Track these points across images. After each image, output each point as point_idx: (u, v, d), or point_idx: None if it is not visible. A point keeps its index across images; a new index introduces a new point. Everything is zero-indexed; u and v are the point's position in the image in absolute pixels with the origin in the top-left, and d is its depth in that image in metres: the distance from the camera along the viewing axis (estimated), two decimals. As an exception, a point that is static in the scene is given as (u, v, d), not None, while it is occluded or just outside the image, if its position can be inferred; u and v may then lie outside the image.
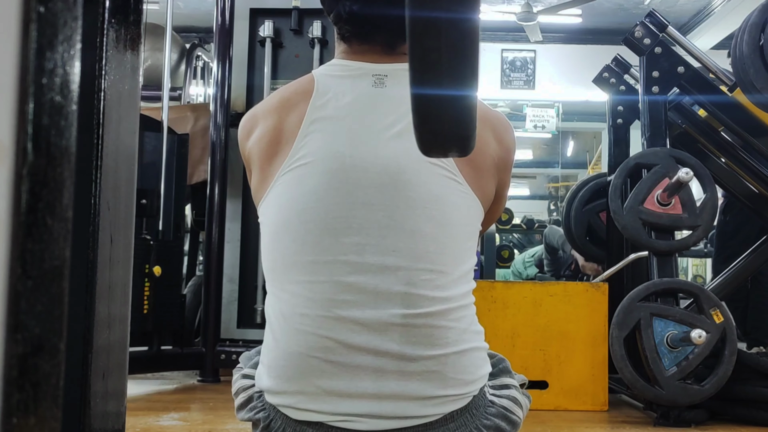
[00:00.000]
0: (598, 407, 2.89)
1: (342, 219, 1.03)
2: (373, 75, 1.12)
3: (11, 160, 0.32)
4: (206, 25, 6.55)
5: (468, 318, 1.07)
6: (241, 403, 1.13)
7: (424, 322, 1.00)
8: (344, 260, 1.02)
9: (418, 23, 0.49)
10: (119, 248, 0.51)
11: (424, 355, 1.00)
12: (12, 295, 0.32)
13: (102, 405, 0.49)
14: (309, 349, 1.01)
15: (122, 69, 0.50)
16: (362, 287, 1.01)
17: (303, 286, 1.03)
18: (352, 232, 1.03)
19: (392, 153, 1.06)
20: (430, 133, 0.54)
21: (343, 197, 1.04)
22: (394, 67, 1.13)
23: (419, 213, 1.03)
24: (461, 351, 1.03)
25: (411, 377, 1.00)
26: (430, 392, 1.00)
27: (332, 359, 1.00)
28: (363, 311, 1.00)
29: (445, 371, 1.01)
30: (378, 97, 1.11)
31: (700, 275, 8.65)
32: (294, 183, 1.07)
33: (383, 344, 0.99)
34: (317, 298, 1.02)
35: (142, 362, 3.19)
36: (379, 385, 0.99)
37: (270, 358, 1.07)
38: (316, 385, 1.01)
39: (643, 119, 3.02)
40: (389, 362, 0.99)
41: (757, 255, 3.05)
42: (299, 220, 1.05)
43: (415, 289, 1.01)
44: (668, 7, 7.46)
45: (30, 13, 0.33)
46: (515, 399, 1.09)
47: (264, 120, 1.15)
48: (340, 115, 1.10)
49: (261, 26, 3.55)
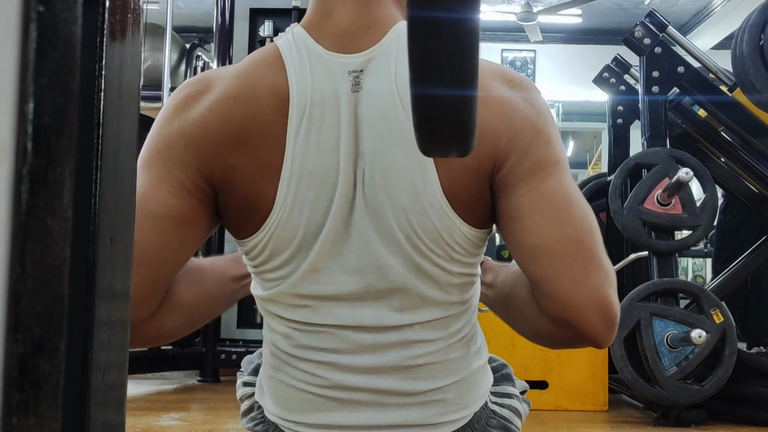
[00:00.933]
0: (598, 407, 2.89)
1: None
2: (348, 72, 0.90)
3: (11, 160, 0.32)
4: (206, 25, 6.55)
5: (469, 344, 1.00)
6: (244, 411, 1.12)
7: (424, 362, 0.97)
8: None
9: (418, 23, 0.49)
10: (119, 248, 0.51)
11: (424, 389, 0.98)
12: (12, 295, 0.32)
13: (102, 405, 0.49)
14: (306, 386, 0.99)
15: (122, 69, 0.50)
16: (359, 335, 0.97)
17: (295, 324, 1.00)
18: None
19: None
20: (430, 133, 0.54)
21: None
22: (368, 55, 0.90)
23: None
24: (463, 378, 1.00)
25: (412, 407, 0.97)
26: (432, 420, 0.98)
27: (330, 395, 0.98)
28: (362, 357, 0.97)
29: (447, 399, 0.99)
30: (358, 108, 0.89)
31: (700, 275, 8.65)
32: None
33: (382, 383, 0.97)
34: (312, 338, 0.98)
35: (142, 362, 3.19)
36: (379, 417, 0.97)
37: (267, 382, 1.03)
38: (315, 417, 0.99)
39: (643, 119, 3.02)
40: (389, 398, 0.97)
41: (757, 255, 3.05)
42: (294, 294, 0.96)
43: (412, 335, 0.94)
44: (668, 7, 7.46)
45: (30, 13, 0.33)
46: (515, 409, 1.08)
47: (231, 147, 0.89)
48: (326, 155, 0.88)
49: (261, 26, 3.55)
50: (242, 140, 0.89)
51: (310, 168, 0.88)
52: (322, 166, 0.88)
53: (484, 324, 1.12)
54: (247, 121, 0.89)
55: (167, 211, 0.90)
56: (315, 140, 0.88)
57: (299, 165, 0.88)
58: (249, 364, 1.19)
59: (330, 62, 0.91)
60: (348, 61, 0.91)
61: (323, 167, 0.88)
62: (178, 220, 0.91)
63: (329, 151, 0.88)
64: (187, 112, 0.91)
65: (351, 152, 0.89)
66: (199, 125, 0.90)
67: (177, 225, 0.91)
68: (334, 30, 0.92)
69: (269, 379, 1.02)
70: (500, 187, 0.89)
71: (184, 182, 0.91)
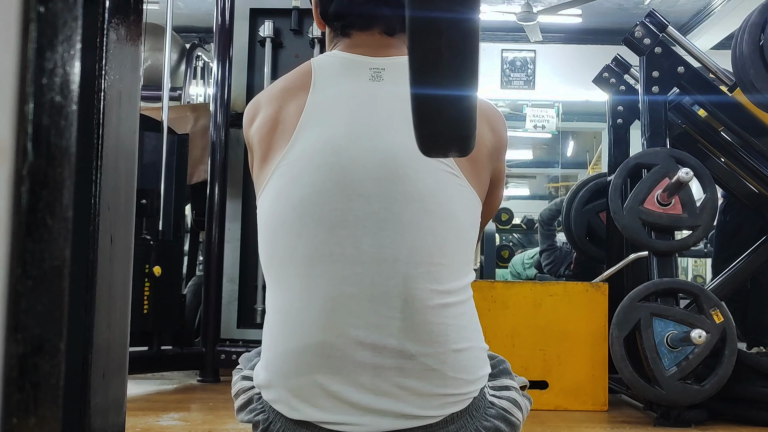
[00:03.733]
0: (598, 407, 2.89)
1: (338, 212, 1.03)
2: (370, 68, 1.13)
3: (11, 160, 0.32)
4: (206, 25, 6.55)
5: (467, 315, 1.07)
6: (240, 405, 1.13)
7: (423, 318, 1.00)
8: (340, 253, 1.02)
9: (418, 23, 0.49)
10: (119, 248, 0.51)
11: (423, 352, 0.99)
12: (12, 295, 0.32)
13: (102, 405, 0.49)
14: (306, 345, 1.00)
15: (122, 69, 0.50)
16: (359, 280, 1.00)
17: (299, 280, 1.03)
18: (349, 224, 1.02)
19: (390, 147, 1.06)
20: (430, 133, 0.54)
21: (340, 190, 1.04)
22: (391, 60, 1.14)
23: (417, 206, 1.03)
24: (461, 349, 1.02)
25: (410, 374, 0.99)
26: (429, 390, 0.99)
27: (330, 354, 0.99)
28: (360, 305, 0.99)
29: (444, 370, 1.00)
30: (375, 92, 1.11)
31: (700, 275, 8.64)
32: (290, 176, 1.07)
33: (382, 339, 0.98)
34: (314, 292, 1.01)
35: (142, 362, 3.19)
36: (376, 381, 0.99)
37: (268, 352, 1.06)
38: (313, 381, 1.00)
39: (643, 119, 3.02)
40: (388, 358, 0.99)
41: (757, 255, 3.05)
42: (294, 214, 1.04)
43: (412, 282, 1.00)
44: (668, 7, 7.46)
45: (30, 13, 0.33)
46: (515, 401, 1.09)
47: (265, 108, 1.16)
48: (337, 110, 1.10)
49: (261, 26, 3.55)
50: (274, 98, 1.15)
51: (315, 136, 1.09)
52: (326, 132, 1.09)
53: (484, 324, 1.13)
54: (282, 88, 1.16)
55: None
56: (321, 113, 1.11)
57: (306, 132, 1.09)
58: (248, 362, 1.19)
59: (354, 60, 1.15)
60: (371, 60, 1.15)
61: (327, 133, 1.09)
62: None
63: (336, 123, 1.10)
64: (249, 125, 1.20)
65: (366, 130, 1.09)
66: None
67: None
68: (361, 47, 1.17)
69: (269, 347, 1.05)
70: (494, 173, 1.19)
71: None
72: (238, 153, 3.54)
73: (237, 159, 3.53)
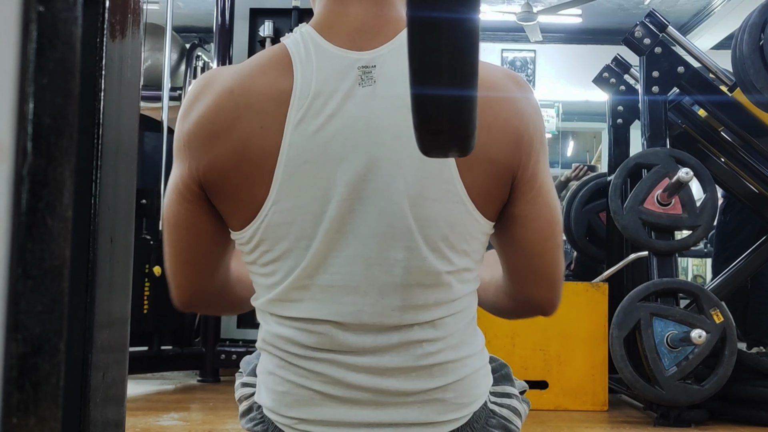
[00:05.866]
0: (598, 407, 2.89)
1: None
2: (358, 68, 0.90)
3: (11, 160, 0.32)
4: (206, 25, 6.55)
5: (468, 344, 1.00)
6: (243, 411, 1.12)
7: (425, 363, 0.97)
8: (339, 307, 0.97)
9: (418, 23, 0.49)
10: (119, 248, 0.51)
11: (424, 388, 0.98)
12: (12, 295, 0.32)
13: (102, 405, 0.49)
14: (305, 382, 0.99)
15: (122, 69, 0.50)
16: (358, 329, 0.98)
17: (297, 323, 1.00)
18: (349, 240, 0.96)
19: (403, 196, 0.90)
20: (430, 133, 0.54)
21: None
22: (380, 52, 0.91)
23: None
24: (464, 377, 1.00)
25: (411, 406, 0.98)
26: (431, 418, 0.98)
27: (330, 393, 0.98)
28: (362, 357, 0.97)
29: (445, 398, 0.99)
30: (369, 102, 0.90)
31: (700, 275, 8.64)
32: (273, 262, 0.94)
33: (383, 383, 0.97)
34: (313, 339, 0.99)
35: (142, 362, 3.19)
36: (378, 414, 0.97)
37: (266, 378, 1.03)
38: (314, 413, 0.99)
39: (643, 119, 3.02)
40: (389, 398, 0.98)
41: (757, 255, 3.05)
42: (292, 286, 0.95)
43: (413, 335, 0.95)
44: (668, 7, 7.46)
45: (30, 13, 0.33)
46: (515, 409, 1.08)
47: (219, 137, 0.90)
48: (326, 143, 0.89)
49: (261, 26, 3.55)
50: (232, 130, 0.90)
51: (306, 157, 0.89)
52: (321, 155, 0.89)
53: (484, 324, 1.12)
54: (240, 110, 0.89)
55: (175, 220, 0.98)
56: (313, 129, 0.89)
57: (296, 153, 0.89)
58: (248, 365, 1.19)
59: (338, 57, 0.92)
60: (358, 57, 0.91)
61: (323, 156, 0.89)
62: (187, 226, 0.98)
63: (329, 141, 0.89)
64: (190, 113, 0.93)
65: (359, 142, 0.89)
66: (195, 124, 0.92)
67: (187, 230, 0.98)
68: (346, 28, 0.93)
69: (268, 376, 1.02)
70: (519, 184, 0.94)
71: (180, 187, 0.95)
72: (238, 153, 3.53)
73: (237, 159, 3.53)
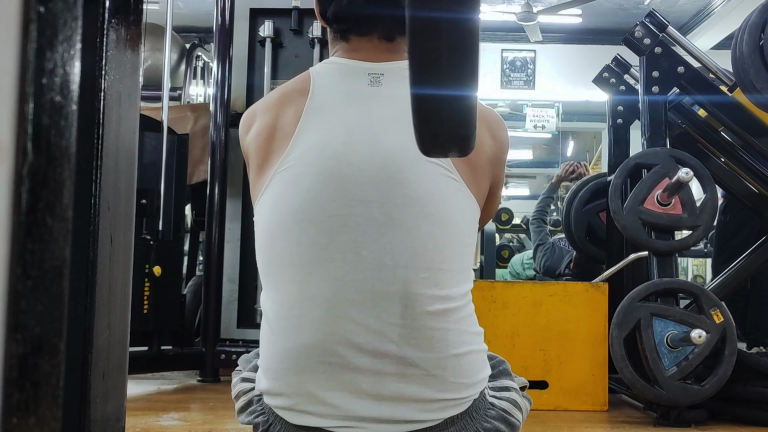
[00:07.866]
0: (598, 407, 2.89)
1: (338, 217, 1.02)
2: (369, 74, 1.13)
3: (11, 160, 0.32)
4: (206, 25, 6.55)
5: (467, 319, 1.06)
6: (241, 407, 1.13)
7: (423, 323, 0.99)
8: (341, 259, 1.01)
9: (418, 23, 0.49)
10: (119, 248, 0.51)
11: (423, 358, 0.99)
12: (12, 295, 0.32)
13: (102, 405, 0.49)
14: (306, 351, 1.00)
15: (122, 69, 0.50)
16: (360, 286, 1.00)
17: (299, 286, 1.02)
18: (348, 230, 1.02)
19: (389, 151, 1.05)
20: (430, 133, 0.54)
21: (339, 195, 1.03)
22: (390, 66, 1.14)
23: (417, 210, 1.03)
24: (461, 354, 1.02)
25: (410, 380, 0.99)
26: (430, 395, 0.99)
27: (330, 360, 0.99)
28: (361, 311, 0.99)
29: (444, 375, 1.00)
30: (374, 96, 1.11)
31: (700, 275, 8.64)
32: (289, 182, 1.06)
33: (382, 345, 0.98)
34: (314, 298, 1.01)
35: (142, 362, 3.19)
36: (378, 387, 0.98)
37: (267, 359, 1.05)
38: (314, 385, 1.00)
39: (643, 119, 3.02)
40: (388, 364, 0.98)
41: (757, 255, 3.05)
42: (294, 220, 1.04)
43: (413, 287, 1.00)
44: (668, 7, 7.46)
45: (30, 13, 0.33)
46: (515, 401, 1.09)
47: (262, 116, 1.16)
48: (335, 114, 1.10)
49: (261, 26, 3.55)
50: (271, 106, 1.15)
51: (313, 141, 1.09)
52: (324, 137, 1.08)
53: (485, 324, 1.13)
54: (280, 96, 1.17)
55: None
56: (319, 118, 1.10)
57: (304, 137, 1.08)
58: (247, 363, 1.19)
59: (353, 66, 1.15)
60: (370, 66, 1.14)
61: (325, 138, 1.08)
62: None
63: (335, 127, 1.09)
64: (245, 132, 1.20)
65: (365, 133, 1.08)
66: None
67: None
68: (361, 52, 1.16)
69: (267, 354, 1.04)
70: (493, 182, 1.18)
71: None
72: (238, 153, 3.54)
73: (237, 159, 3.53)
